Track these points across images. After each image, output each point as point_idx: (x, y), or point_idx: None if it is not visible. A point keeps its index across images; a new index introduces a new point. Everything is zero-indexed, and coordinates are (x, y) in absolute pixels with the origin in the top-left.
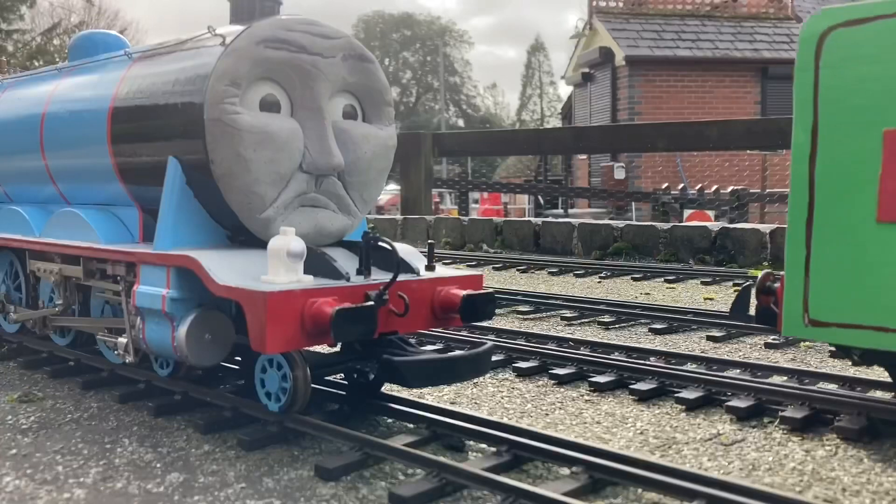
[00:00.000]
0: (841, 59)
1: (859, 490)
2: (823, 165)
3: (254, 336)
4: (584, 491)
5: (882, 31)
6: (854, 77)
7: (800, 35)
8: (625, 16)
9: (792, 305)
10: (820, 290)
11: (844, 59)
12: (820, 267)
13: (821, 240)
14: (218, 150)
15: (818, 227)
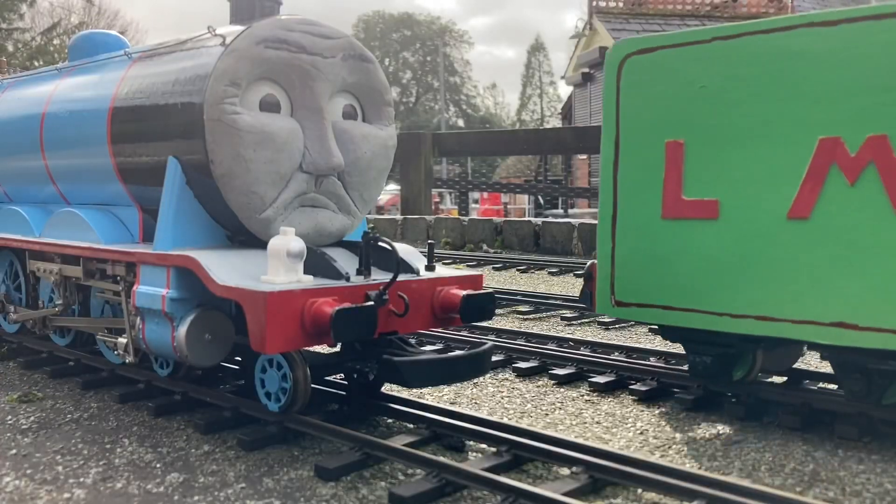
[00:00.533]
0: (635, 81)
1: None
2: (623, 172)
3: (254, 336)
4: (584, 491)
5: (664, 59)
6: (644, 97)
7: (605, 60)
8: (625, 16)
9: (602, 289)
10: (622, 276)
11: (638, 82)
12: (622, 256)
13: (622, 234)
14: (218, 150)
15: (620, 223)
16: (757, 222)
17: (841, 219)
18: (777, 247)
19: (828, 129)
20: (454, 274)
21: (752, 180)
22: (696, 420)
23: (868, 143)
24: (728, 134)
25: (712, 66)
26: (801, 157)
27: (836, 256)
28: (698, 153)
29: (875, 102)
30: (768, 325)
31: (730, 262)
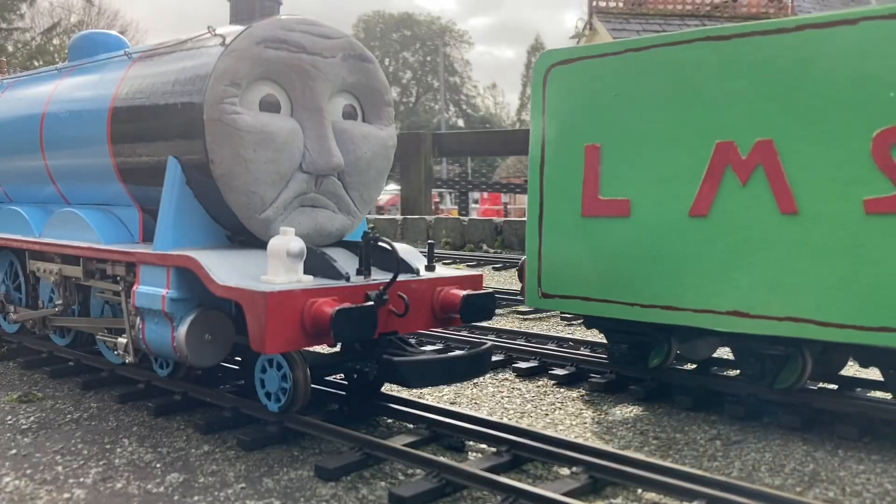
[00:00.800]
0: (558, 89)
1: None
2: (548, 173)
3: (253, 336)
4: (584, 491)
5: (584, 69)
6: (566, 103)
7: (533, 69)
8: (625, 16)
9: (531, 282)
10: (548, 270)
11: (560, 90)
12: (547, 252)
13: (548, 231)
14: (218, 150)
15: (546, 221)
16: (663, 220)
17: (735, 216)
18: (680, 242)
19: (723, 133)
20: (454, 274)
21: (659, 181)
22: (697, 420)
23: (757, 147)
24: (638, 138)
25: (625, 75)
26: (700, 159)
27: (731, 251)
28: (613, 156)
29: (762, 110)
30: (673, 314)
31: (640, 256)
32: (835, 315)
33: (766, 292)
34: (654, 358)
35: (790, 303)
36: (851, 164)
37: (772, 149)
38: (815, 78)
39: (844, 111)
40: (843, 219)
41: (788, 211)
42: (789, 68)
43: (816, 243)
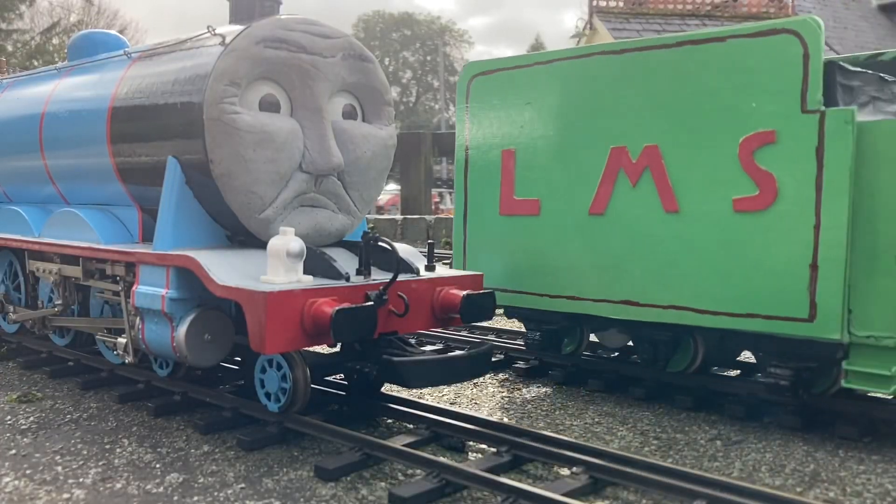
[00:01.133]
0: (479, 98)
1: None
2: (472, 175)
3: (253, 336)
4: (584, 491)
5: (501, 79)
6: (486, 111)
7: (458, 79)
8: (625, 15)
9: None
10: (472, 264)
11: (481, 99)
12: (471, 247)
13: (471, 228)
14: (217, 150)
15: (470, 219)
16: (567, 218)
17: (626, 214)
18: (582, 238)
19: (617, 140)
20: (454, 274)
21: (564, 183)
22: (697, 420)
23: (645, 152)
24: (546, 144)
25: (534, 86)
26: (598, 163)
27: (624, 246)
28: (525, 160)
29: (649, 118)
30: (576, 303)
31: (548, 251)
32: (710, 303)
33: (652, 283)
34: (568, 345)
35: (673, 292)
36: (722, 167)
37: (657, 153)
38: (693, 89)
39: (717, 119)
40: (715, 216)
41: (671, 209)
42: (671, 80)
43: (694, 239)
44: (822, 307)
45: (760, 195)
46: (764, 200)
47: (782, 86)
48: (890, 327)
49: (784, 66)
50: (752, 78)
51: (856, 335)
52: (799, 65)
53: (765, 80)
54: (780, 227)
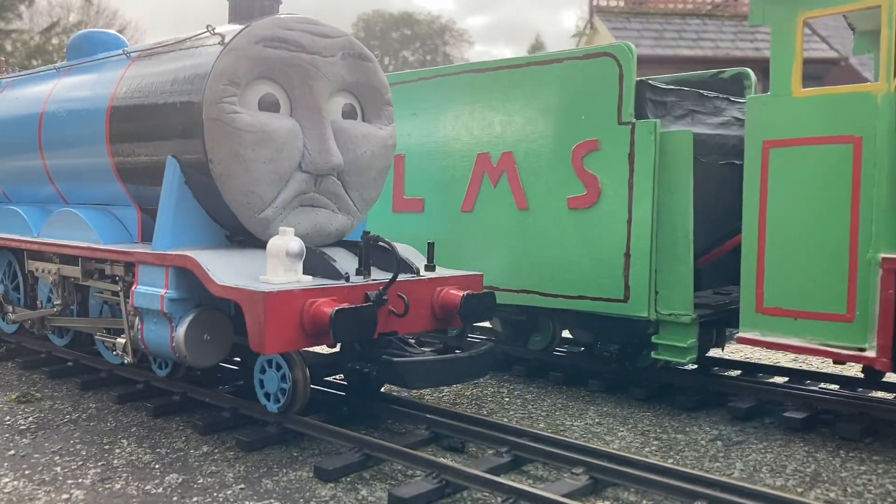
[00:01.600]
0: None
1: None
2: None
3: (253, 336)
4: (584, 492)
5: (400, 92)
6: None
7: None
8: (626, 15)
9: None
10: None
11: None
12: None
13: (371, 224)
14: (217, 150)
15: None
16: (445, 214)
17: (489, 211)
18: (457, 233)
19: (483, 147)
20: (454, 274)
21: (442, 184)
22: (698, 420)
23: (503, 158)
24: (428, 149)
25: (420, 98)
26: (468, 167)
27: (487, 239)
28: (412, 164)
29: (506, 127)
30: None
31: None
32: (551, 287)
33: (509, 270)
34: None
35: (524, 279)
36: (560, 171)
37: (512, 159)
38: (538, 103)
39: (556, 130)
40: (555, 213)
41: (522, 207)
42: (522, 95)
43: (539, 232)
44: (634, 290)
45: (588, 195)
46: (590, 199)
47: (604, 101)
48: (686, 306)
49: (605, 84)
50: (582, 94)
51: (661, 313)
52: (616, 84)
53: (591, 97)
54: (602, 222)
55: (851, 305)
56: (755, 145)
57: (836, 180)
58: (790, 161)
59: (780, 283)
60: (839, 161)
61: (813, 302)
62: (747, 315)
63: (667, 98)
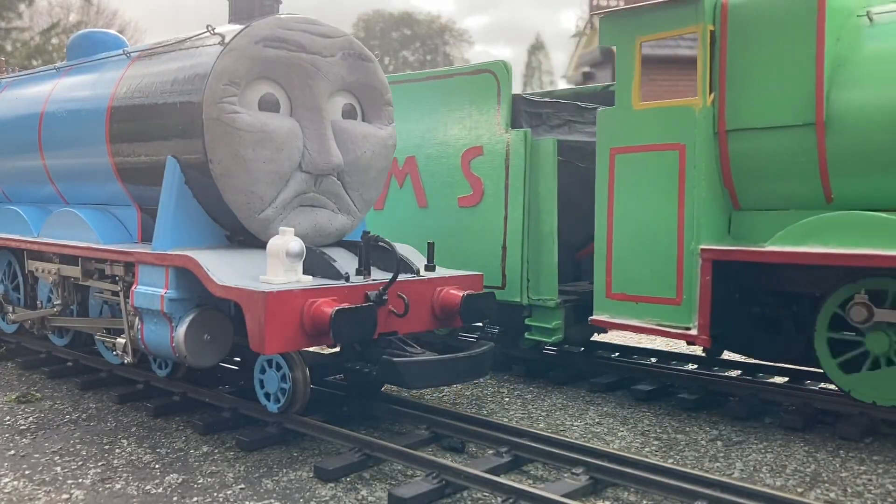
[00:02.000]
0: None
1: None
2: None
3: (252, 336)
4: (584, 492)
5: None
6: None
7: None
8: None
9: None
10: None
11: None
12: None
13: None
14: (217, 150)
15: None
16: None
17: (397, 209)
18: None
19: (402, 151)
20: (454, 274)
21: None
22: (698, 420)
23: (407, 161)
24: None
25: None
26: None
27: (395, 234)
28: None
29: (412, 134)
30: None
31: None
32: None
33: None
34: None
35: None
36: (452, 173)
37: (414, 162)
38: (435, 113)
39: (449, 137)
40: (448, 211)
41: (423, 205)
42: (424, 106)
43: (437, 227)
44: (509, 278)
45: (474, 195)
46: (475, 198)
47: (486, 112)
48: (552, 292)
49: (486, 97)
50: (468, 106)
51: (532, 298)
52: (495, 97)
53: (475, 108)
54: (485, 219)
55: (679, 290)
56: (604, 151)
57: (666, 182)
58: (631, 165)
59: (625, 272)
60: (668, 165)
61: (650, 288)
62: (599, 300)
63: (542, 110)
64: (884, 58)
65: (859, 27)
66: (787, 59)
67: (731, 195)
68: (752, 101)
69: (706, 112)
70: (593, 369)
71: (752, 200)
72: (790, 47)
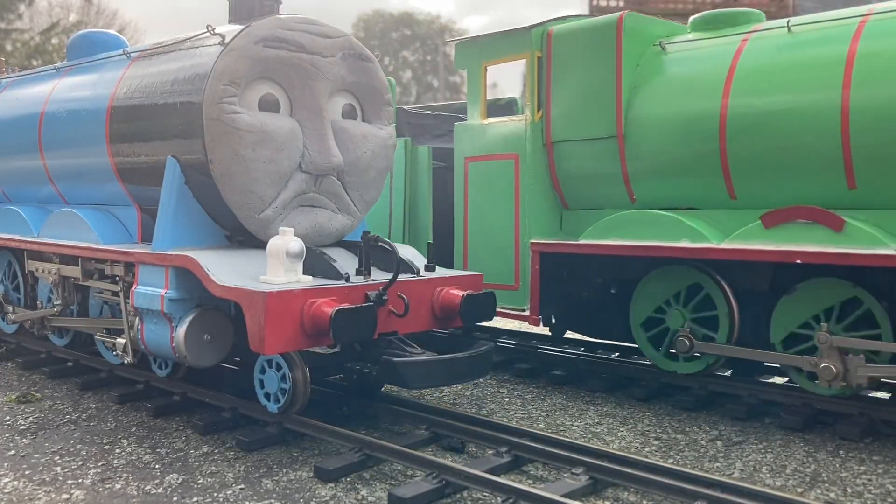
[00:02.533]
0: None
1: None
2: None
3: (252, 336)
4: (584, 492)
5: None
6: None
7: None
8: None
9: None
10: None
11: None
12: None
13: None
14: (217, 150)
15: None
16: None
17: None
18: None
19: None
20: (454, 274)
21: None
22: (698, 420)
23: None
24: None
25: None
26: None
27: None
28: None
29: None
30: None
31: None
32: None
33: None
34: None
35: None
36: None
37: None
38: None
39: None
40: None
41: None
42: None
43: None
44: None
45: None
46: None
47: None
48: None
49: None
50: None
51: None
52: None
53: None
54: (379, 215)
55: (517, 278)
56: (460, 159)
57: (506, 186)
58: (480, 172)
59: (477, 262)
60: (507, 172)
61: (496, 276)
62: None
63: (424, 121)
64: (670, 80)
65: (654, 55)
66: (596, 82)
67: (560, 197)
68: (570, 117)
69: (535, 127)
70: (593, 369)
71: (576, 201)
72: (598, 71)
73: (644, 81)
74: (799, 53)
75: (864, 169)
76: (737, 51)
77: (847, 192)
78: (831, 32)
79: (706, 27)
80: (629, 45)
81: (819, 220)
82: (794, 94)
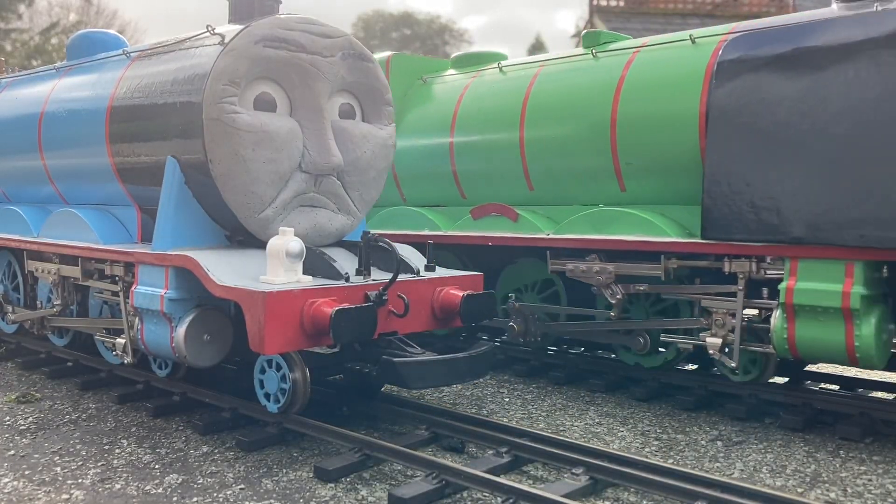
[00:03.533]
0: None
1: None
2: None
3: (252, 336)
4: (584, 492)
5: None
6: None
7: None
8: (626, 15)
9: None
10: None
11: None
12: None
13: None
14: (216, 150)
15: None
16: None
17: None
18: None
19: None
20: (454, 274)
21: None
22: (698, 420)
23: None
24: None
25: None
26: None
27: None
28: None
29: None
30: None
31: None
32: None
33: None
34: None
35: None
36: None
37: None
38: None
39: None
40: None
41: None
42: None
43: None
44: None
45: None
46: None
47: None
48: None
49: None
50: None
51: None
52: None
53: None
54: None
55: None
56: None
57: None
58: None
59: None
60: None
61: None
62: None
63: None
64: (420, 108)
65: (417, 87)
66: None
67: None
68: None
69: None
70: (593, 369)
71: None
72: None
73: (409, 109)
74: (497, 94)
75: (537, 178)
76: (464, 87)
77: (529, 193)
78: (520, 74)
79: (459, 65)
80: (396, 79)
81: (503, 214)
82: (491, 130)
